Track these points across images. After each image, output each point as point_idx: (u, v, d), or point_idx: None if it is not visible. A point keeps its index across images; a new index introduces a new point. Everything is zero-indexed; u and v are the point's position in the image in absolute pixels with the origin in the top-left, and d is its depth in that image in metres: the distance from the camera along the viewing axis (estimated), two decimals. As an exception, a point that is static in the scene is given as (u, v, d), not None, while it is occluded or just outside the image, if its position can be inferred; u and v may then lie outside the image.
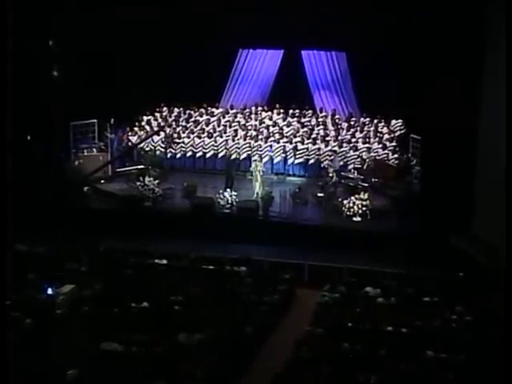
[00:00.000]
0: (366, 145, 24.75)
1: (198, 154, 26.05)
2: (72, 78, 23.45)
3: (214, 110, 27.45)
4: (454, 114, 19.24)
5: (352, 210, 21.55)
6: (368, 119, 26.16)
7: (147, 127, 26.72)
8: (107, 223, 21.41)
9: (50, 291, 14.33)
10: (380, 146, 24.60)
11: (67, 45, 23.36)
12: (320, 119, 26.57)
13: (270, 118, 26.73)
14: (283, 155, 25.41)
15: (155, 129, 26.51)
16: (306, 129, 25.97)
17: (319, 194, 22.81)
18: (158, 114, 27.53)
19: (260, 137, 25.68)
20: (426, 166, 21.54)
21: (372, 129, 25.70)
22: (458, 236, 19.55)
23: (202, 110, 27.41)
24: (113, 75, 24.75)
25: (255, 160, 24.07)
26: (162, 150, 26.06)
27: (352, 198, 21.78)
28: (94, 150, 25.37)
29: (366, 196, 21.82)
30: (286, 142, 25.36)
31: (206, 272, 17.93)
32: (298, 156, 25.22)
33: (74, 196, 22.78)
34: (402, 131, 25.55)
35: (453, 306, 15.44)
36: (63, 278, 16.20)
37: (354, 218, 21.54)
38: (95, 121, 25.50)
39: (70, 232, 19.74)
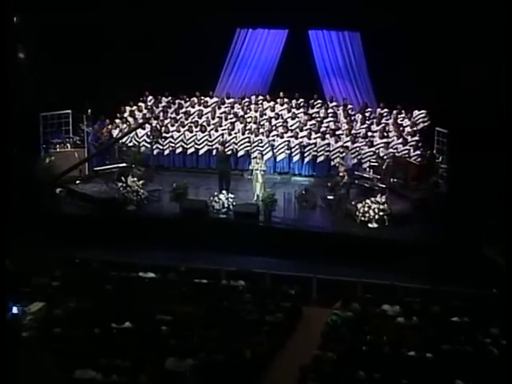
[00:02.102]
0: (384, 140, 24.73)
1: (190, 151, 26.12)
2: (41, 60, 23.37)
3: (207, 99, 27.53)
4: (485, 103, 19.11)
5: (367, 215, 21.49)
6: (386, 110, 26.18)
7: (130, 119, 26.71)
8: (83, 230, 21.29)
9: (15, 310, 14.18)
10: (400, 140, 24.54)
11: (35, 21, 23.28)
12: (330, 110, 26.60)
13: (273, 109, 26.77)
14: (287, 152, 25.44)
15: (140, 121, 26.48)
16: (313, 121, 25.99)
17: (329, 197, 22.77)
18: (142, 104, 27.55)
19: (261, 130, 25.69)
20: (454, 163, 21.48)
21: (390, 121, 25.72)
22: (492, 246, 19.40)
23: (194, 100, 27.46)
24: (90, 58, 24.66)
25: (255, 157, 24.05)
26: (148, 145, 26.04)
27: (367, 201, 21.74)
28: (68, 145, 25.34)
29: (383, 199, 21.76)
30: (291, 137, 25.38)
31: (198, 287, 17.83)
32: (304, 153, 25.22)
33: (45, 199, 22.66)
34: (426, 124, 25.53)
35: (486, 328, 15.28)
36: (31, 295, 16.07)
37: (370, 225, 21.48)
38: (69, 111, 25.46)
39: (40, 241, 19.61)
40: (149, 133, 26.02)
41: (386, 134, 24.97)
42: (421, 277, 18.34)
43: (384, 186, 22.74)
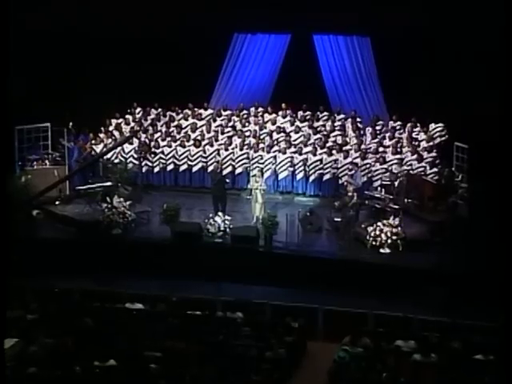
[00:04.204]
0: (397, 156, 24.74)
1: (182, 168, 26.12)
2: (17, 68, 23.35)
3: (201, 111, 27.55)
4: (510, 115, 19.01)
5: (379, 239, 21.39)
6: (399, 123, 26.20)
7: (116, 133, 26.68)
8: (63, 257, 21.21)
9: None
10: (415, 157, 24.53)
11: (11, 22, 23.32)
12: (337, 123, 26.62)
13: (274, 122, 26.78)
14: (290, 169, 25.40)
15: (127, 135, 26.37)
16: (319, 135, 25.98)
17: (336, 219, 22.70)
18: (130, 117, 27.51)
19: (261, 146, 25.70)
20: (475, 182, 21.34)
21: (404, 135, 25.74)
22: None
23: (187, 112, 27.44)
24: (72, 65, 24.63)
25: (254, 175, 24.04)
26: (136, 162, 25.98)
27: (379, 223, 21.64)
28: (47, 162, 25.31)
29: (396, 221, 21.68)
30: (295, 153, 25.34)
31: (191, 319, 17.69)
32: (309, 170, 25.16)
33: (20, 221, 22.51)
34: (444, 138, 25.51)
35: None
36: (4, 330, 15.82)
37: (382, 250, 21.38)
38: (48, 125, 25.44)
39: (14, 268, 19.44)
40: (137, 148, 26.00)
41: (399, 150, 24.98)
42: (439, 309, 18.29)
43: (397, 207, 22.63)
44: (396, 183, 23.70)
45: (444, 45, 23.02)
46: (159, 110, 27.74)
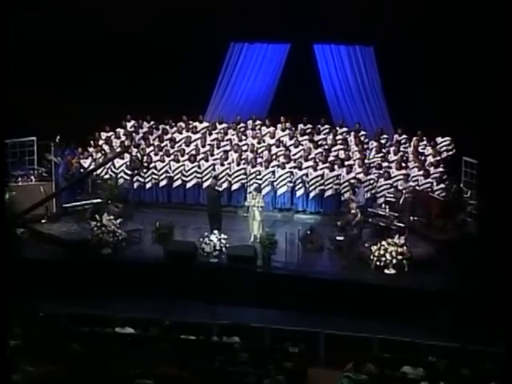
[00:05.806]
0: (403, 171, 24.70)
1: (176, 184, 26.09)
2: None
3: (196, 124, 27.55)
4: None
5: (383, 259, 21.28)
6: (404, 137, 26.21)
7: (106, 147, 26.63)
8: (50, 279, 21.10)
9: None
10: (421, 172, 24.54)
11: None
12: (339, 137, 26.62)
13: (273, 136, 26.76)
14: (290, 185, 25.37)
15: (117, 149, 26.33)
16: (320, 150, 25.96)
17: (338, 238, 22.65)
18: (121, 130, 27.46)
19: (259, 160, 25.69)
20: (485, 199, 21.22)
21: (410, 150, 25.75)
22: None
23: (181, 125, 27.42)
24: (59, 75, 24.55)
25: (252, 191, 23.93)
26: (127, 178, 25.92)
27: (383, 242, 21.54)
28: (33, 178, 25.30)
29: (402, 240, 21.58)
30: (294, 168, 25.32)
31: (185, 344, 17.55)
32: (309, 186, 25.08)
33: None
34: (451, 153, 25.51)
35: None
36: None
37: (387, 271, 21.29)
38: (34, 138, 25.41)
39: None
40: (128, 163, 25.94)
41: (404, 165, 24.97)
42: (447, 333, 18.15)
43: (403, 225, 22.60)
44: (401, 200, 23.69)
45: (450, 55, 22.95)
46: (152, 122, 27.72)
